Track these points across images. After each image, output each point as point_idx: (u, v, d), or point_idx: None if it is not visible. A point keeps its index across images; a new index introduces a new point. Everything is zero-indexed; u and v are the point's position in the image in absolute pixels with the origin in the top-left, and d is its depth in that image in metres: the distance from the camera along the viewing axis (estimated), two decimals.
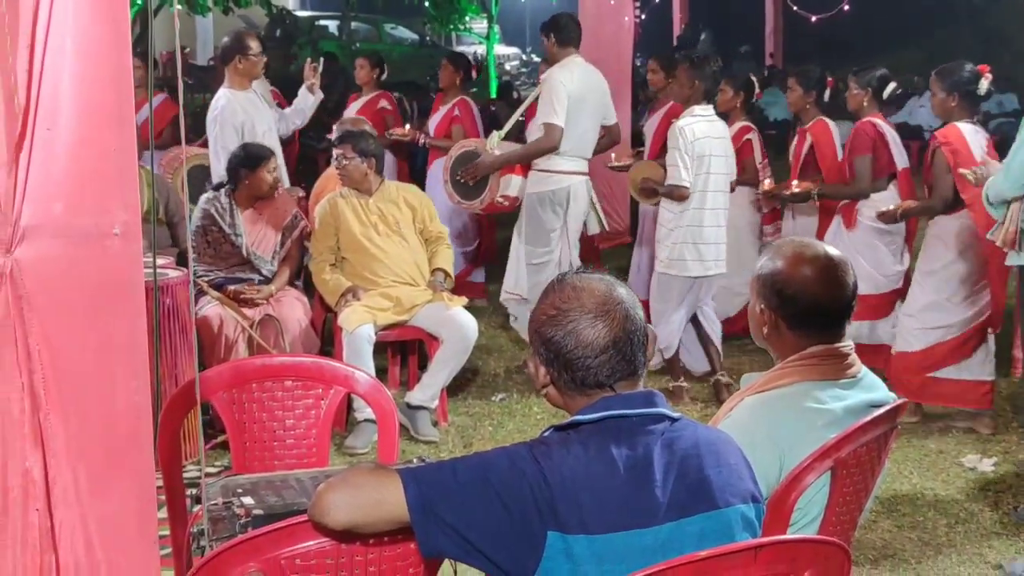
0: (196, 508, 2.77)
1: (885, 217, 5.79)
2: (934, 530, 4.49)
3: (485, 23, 19.14)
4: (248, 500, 2.40)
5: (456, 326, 5.42)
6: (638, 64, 12.92)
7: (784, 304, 2.56)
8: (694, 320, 6.14)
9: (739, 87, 6.84)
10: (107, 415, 2.14)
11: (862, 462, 2.55)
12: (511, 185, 6.39)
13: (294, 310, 5.48)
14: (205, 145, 6.92)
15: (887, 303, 6.16)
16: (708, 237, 5.91)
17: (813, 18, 9.14)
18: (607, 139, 6.61)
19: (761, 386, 2.57)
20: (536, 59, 22.40)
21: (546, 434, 2.06)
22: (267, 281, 5.60)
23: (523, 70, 24.83)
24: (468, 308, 5.65)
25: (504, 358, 6.73)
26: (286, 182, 6.46)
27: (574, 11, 9.87)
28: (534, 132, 6.37)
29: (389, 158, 7.77)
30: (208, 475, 2.85)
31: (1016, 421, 5.51)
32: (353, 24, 20.62)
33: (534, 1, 19.71)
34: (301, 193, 6.69)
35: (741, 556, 1.89)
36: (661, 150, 6.69)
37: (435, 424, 5.46)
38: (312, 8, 21.68)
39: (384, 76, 8.54)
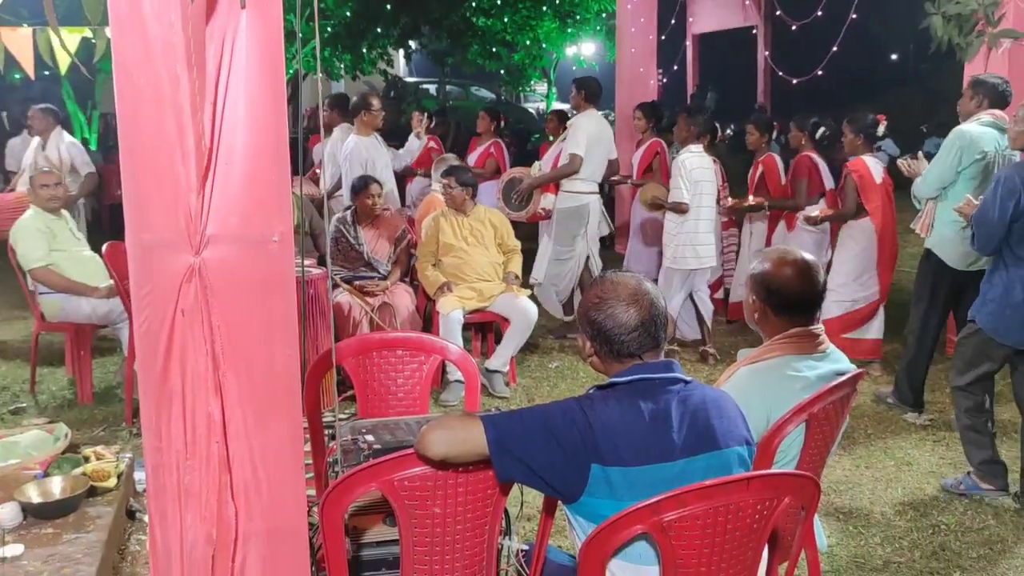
0: (331, 443, 2.80)
1: (810, 221, 6.17)
2: (884, 468, 4.40)
3: (546, 86, 19.12)
4: (370, 437, 2.42)
5: (521, 311, 5.43)
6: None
7: (770, 296, 2.55)
8: (692, 301, 6.20)
9: (763, 130, 6.93)
10: (267, 372, 2.17)
11: (830, 416, 2.52)
12: (546, 201, 6.61)
13: (403, 299, 5.51)
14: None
15: None
16: (702, 240, 6.02)
17: (794, 81, 8.97)
18: (609, 169, 6.78)
19: (753, 358, 2.56)
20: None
21: (590, 392, 2.06)
22: (383, 278, 5.64)
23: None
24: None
25: (567, 345, 6.69)
26: (397, 205, 6.50)
27: (612, 77, 9.85)
28: (561, 161, 6.53)
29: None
30: (340, 419, 2.87)
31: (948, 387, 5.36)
32: (448, 87, 20.66)
33: (583, 69, 19.57)
34: (410, 213, 6.72)
35: (737, 485, 1.87)
36: (643, 174, 7.42)
37: (507, 384, 5.47)
38: (417, 75, 21.75)
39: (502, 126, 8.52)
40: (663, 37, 10.29)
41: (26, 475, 3.51)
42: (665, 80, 14.00)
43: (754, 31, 15.14)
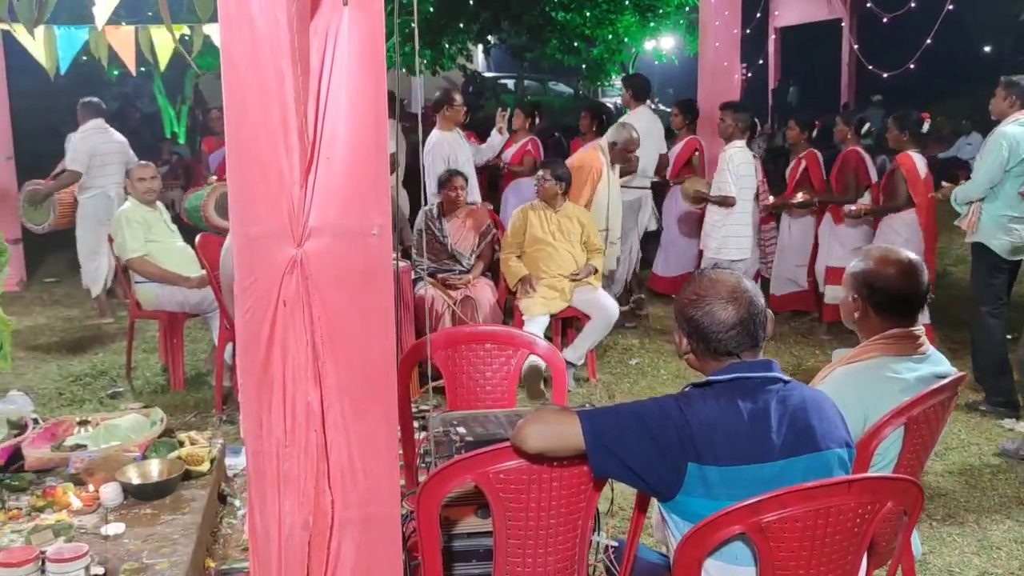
0: (422, 434, 2.83)
1: (853, 213, 6.25)
2: (978, 475, 4.26)
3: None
4: (461, 429, 2.44)
5: (603, 308, 5.42)
6: None
7: (873, 295, 2.48)
8: None
9: (803, 126, 7.08)
10: (365, 363, 2.20)
11: (929, 420, 2.44)
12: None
13: (485, 293, 5.54)
14: None
15: None
16: (743, 232, 6.20)
17: (884, 75, 8.73)
18: (660, 163, 6.98)
19: (850, 359, 2.50)
20: (663, 108, 22.09)
21: (686, 389, 2.04)
22: (466, 271, 5.68)
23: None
24: None
25: (637, 333, 6.65)
26: (477, 199, 6.52)
27: (692, 71, 9.73)
28: None
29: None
30: (429, 411, 2.90)
31: None
32: (526, 82, 20.65)
33: (662, 64, 19.36)
34: (490, 206, 6.75)
35: (839, 487, 1.83)
36: (681, 170, 7.41)
37: (586, 380, 5.45)
38: (495, 70, 21.81)
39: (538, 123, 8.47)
40: (747, 31, 10.11)
41: (126, 457, 3.63)
42: (749, 74, 13.76)
43: (841, 24, 14.77)
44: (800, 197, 6.67)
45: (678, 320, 2.08)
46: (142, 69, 7.76)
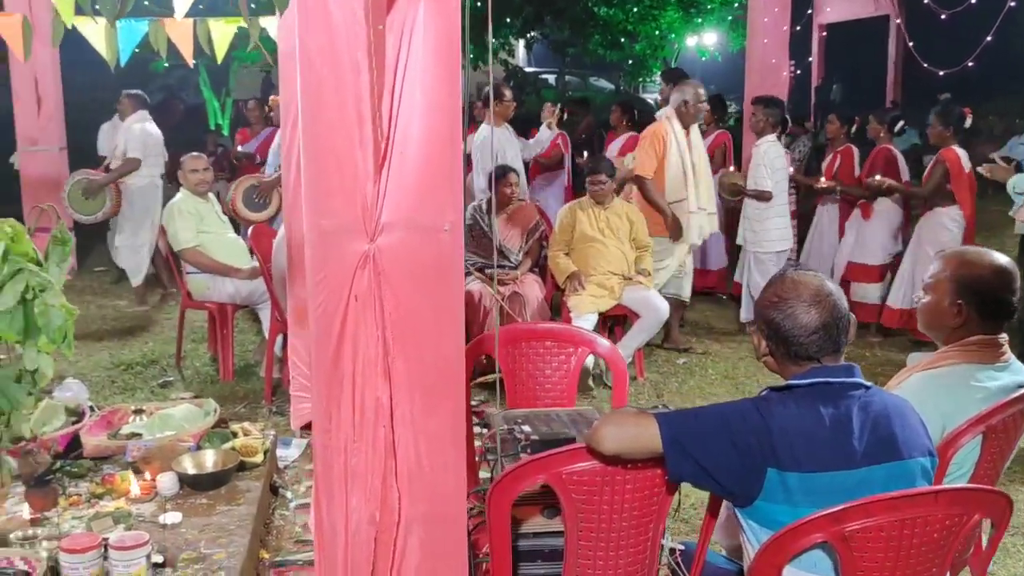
0: (482, 431, 2.81)
1: (875, 184, 6.31)
2: None
3: None
4: (526, 428, 2.42)
5: (653, 307, 5.37)
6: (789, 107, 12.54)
7: (979, 301, 2.40)
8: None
9: (842, 121, 7.28)
10: (434, 359, 2.19)
11: (1008, 429, 2.37)
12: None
13: (533, 289, 5.51)
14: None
15: (880, 273, 6.65)
16: (782, 223, 6.33)
17: (940, 72, 8.56)
18: None
19: (928, 364, 2.43)
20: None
21: (763, 393, 2.00)
22: (514, 267, 5.66)
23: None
24: None
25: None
26: (525, 194, 6.51)
27: (735, 67, 9.63)
28: None
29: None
30: (489, 409, 2.88)
31: None
32: (567, 77, 20.58)
33: (705, 60, 19.18)
34: (538, 202, 6.73)
35: (926, 498, 1.79)
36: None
37: (633, 378, 5.41)
38: (536, 65, 21.74)
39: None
40: (798, 27, 9.97)
41: (181, 447, 3.66)
42: (798, 71, 13.57)
43: (893, 21, 14.50)
44: (824, 183, 6.88)
45: (757, 322, 2.04)
46: (195, 61, 7.82)
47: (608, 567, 2.08)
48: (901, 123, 6.94)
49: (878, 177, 6.31)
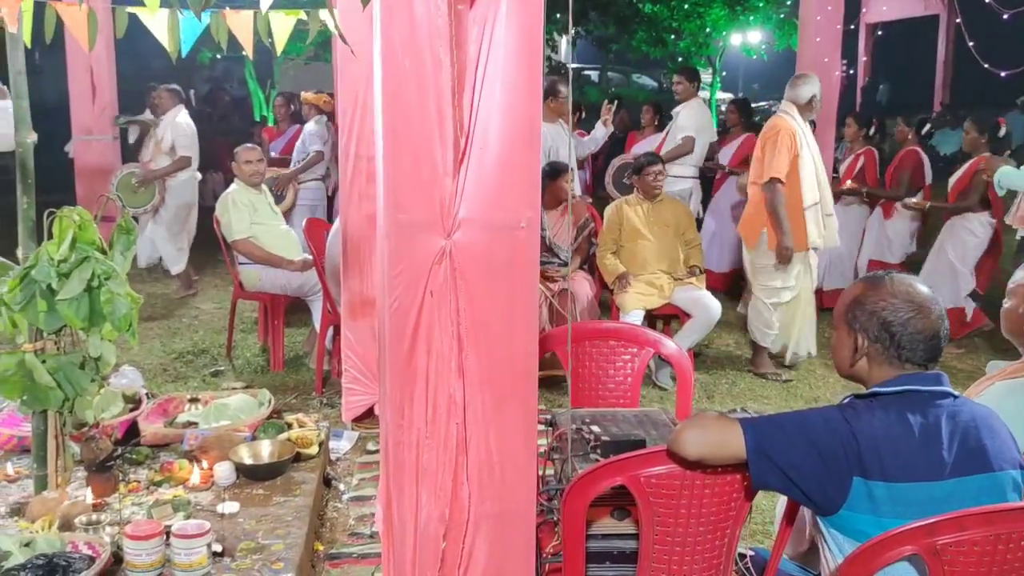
0: (546, 429, 2.78)
1: (914, 205, 6.58)
2: None
3: (710, 74, 18.68)
4: (596, 428, 2.39)
5: (704, 307, 5.30)
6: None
7: None
8: None
9: (861, 123, 7.36)
10: (508, 357, 2.17)
11: None
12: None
13: (583, 287, 5.48)
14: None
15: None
16: None
17: (1003, 74, 8.40)
18: (709, 152, 7.32)
19: (1011, 373, 2.37)
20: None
21: (847, 400, 1.96)
22: (564, 264, 5.62)
23: None
24: None
25: (734, 334, 6.52)
26: (579, 192, 6.47)
27: (791, 68, 9.49)
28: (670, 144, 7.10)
29: None
30: (555, 408, 2.85)
31: None
32: (609, 74, 20.46)
33: (750, 59, 18.98)
34: (589, 200, 6.69)
35: (1022, 513, 1.74)
36: (738, 167, 7.35)
37: (673, 378, 5.35)
38: (580, 61, 21.65)
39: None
40: (852, 27, 9.83)
41: (237, 437, 3.68)
42: (851, 71, 13.38)
43: (943, 20, 14.24)
44: (849, 185, 6.96)
45: (860, 323, 1.96)
46: (238, 54, 7.82)
47: (682, 572, 2.06)
48: (928, 126, 7.11)
49: (914, 200, 6.58)
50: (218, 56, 15.09)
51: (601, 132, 6.91)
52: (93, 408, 3.38)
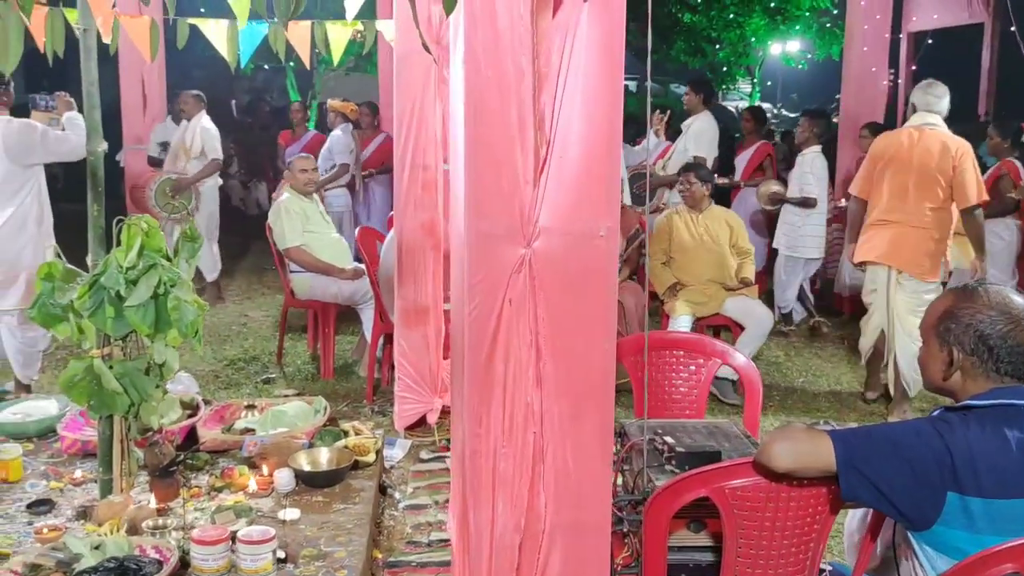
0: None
1: None
2: None
3: (749, 85, 18.61)
4: (669, 439, 2.37)
5: (757, 317, 5.26)
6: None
7: None
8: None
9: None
10: (585, 366, 2.17)
11: None
12: (667, 195, 6.93)
13: (632, 296, 5.46)
14: None
15: None
16: (820, 232, 6.63)
17: None
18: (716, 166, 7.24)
19: None
20: (785, 113, 21.57)
21: (935, 413, 1.92)
22: None
23: (774, 121, 24.00)
24: None
25: (781, 344, 6.46)
26: (627, 201, 6.44)
27: (831, 78, 9.47)
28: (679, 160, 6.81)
29: None
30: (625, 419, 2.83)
31: None
32: (647, 84, 20.37)
33: (789, 68, 18.87)
34: (640, 210, 6.66)
35: None
36: (752, 174, 7.69)
37: (736, 391, 5.30)
38: None
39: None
40: (900, 35, 9.73)
41: (296, 444, 3.70)
42: (900, 81, 13.23)
43: (988, 29, 14.04)
44: None
45: (953, 335, 1.92)
46: (266, 66, 7.93)
47: None
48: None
49: None
50: (266, 67, 15.27)
51: (653, 142, 6.91)
52: (157, 414, 3.41)
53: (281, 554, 2.95)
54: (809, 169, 6.53)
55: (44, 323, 3.17)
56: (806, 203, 6.52)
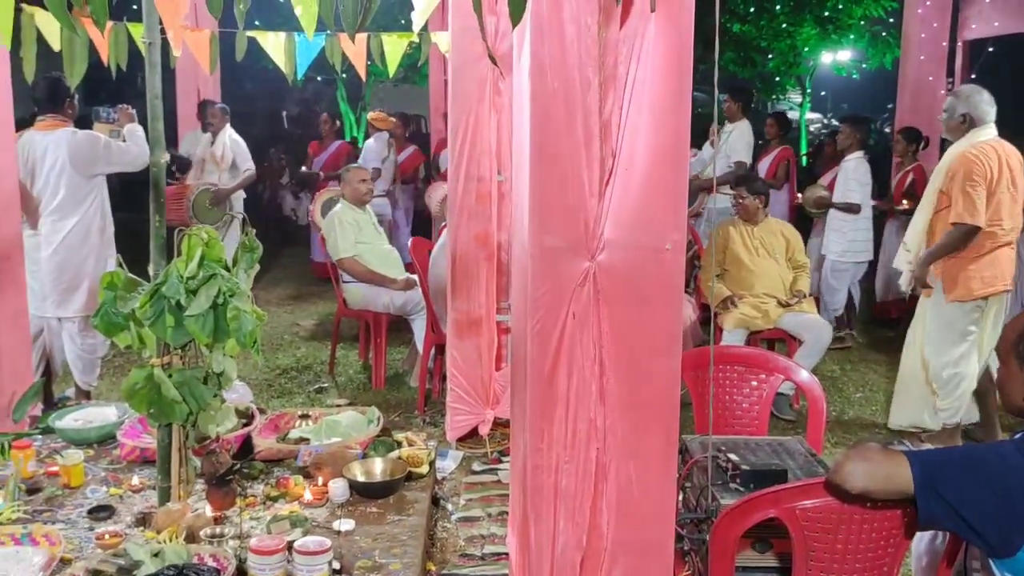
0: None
1: None
2: None
3: (799, 94, 18.40)
4: (733, 457, 2.32)
5: (815, 330, 5.15)
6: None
7: None
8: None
9: (910, 140, 7.39)
10: (649, 382, 2.13)
11: None
12: (708, 200, 7.14)
13: (686, 309, 5.39)
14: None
15: None
16: (866, 236, 6.69)
17: None
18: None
19: None
20: (836, 123, 21.22)
21: (1018, 436, 1.85)
22: None
23: (823, 131, 23.68)
24: None
25: (836, 358, 6.33)
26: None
27: (885, 87, 9.32)
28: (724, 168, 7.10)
29: None
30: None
31: None
32: (695, 94, 20.22)
33: (840, 77, 18.60)
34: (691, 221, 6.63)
35: None
36: (771, 178, 7.75)
37: (791, 406, 5.20)
38: None
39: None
40: (957, 43, 9.54)
41: (350, 454, 3.70)
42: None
43: None
44: (906, 204, 7.07)
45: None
46: (318, 78, 8.00)
47: None
48: None
49: None
50: (317, 78, 15.48)
51: (708, 153, 6.87)
52: (214, 422, 3.44)
53: (336, 565, 2.94)
54: (853, 175, 6.61)
55: (106, 331, 3.20)
56: (849, 208, 6.59)
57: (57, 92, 4.57)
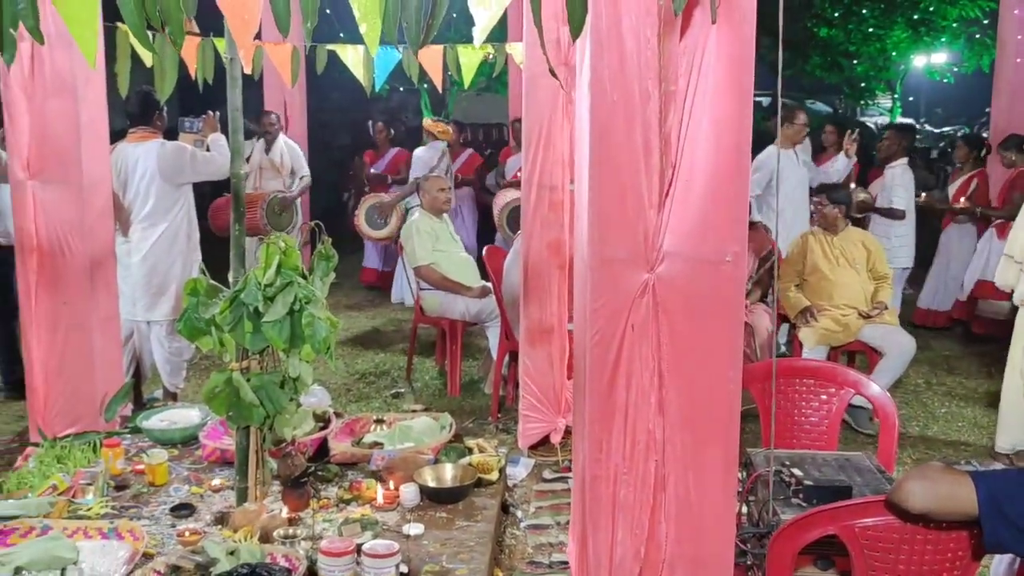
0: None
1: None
2: None
3: (890, 99, 17.87)
4: (797, 472, 2.28)
5: (899, 343, 5.00)
6: None
7: None
8: None
9: (972, 146, 7.47)
10: (709, 394, 2.12)
11: None
12: None
13: (763, 320, 5.29)
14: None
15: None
16: (909, 242, 6.78)
17: None
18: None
19: None
20: (930, 128, 20.57)
21: None
22: (744, 295, 5.46)
23: (917, 137, 22.96)
24: None
25: (922, 372, 6.13)
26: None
27: (981, 91, 9.00)
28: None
29: None
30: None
31: None
32: (782, 100, 19.88)
33: (932, 82, 17.99)
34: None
35: None
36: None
37: (871, 420, 5.06)
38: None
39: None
40: None
41: (422, 459, 3.76)
42: None
43: None
44: (963, 203, 7.11)
45: None
46: (401, 88, 8.12)
47: None
48: None
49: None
50: (401, 88, 15.74)
51: (843, 162, 6.77)
52: (290, 426, 3.54)
53: (404, 568, 3.00)
54: (899, 182, 6.72)
55: (189, 336, 3.33)
56: (893, 214, 6.68)
57: (148, 106, 4.78)
